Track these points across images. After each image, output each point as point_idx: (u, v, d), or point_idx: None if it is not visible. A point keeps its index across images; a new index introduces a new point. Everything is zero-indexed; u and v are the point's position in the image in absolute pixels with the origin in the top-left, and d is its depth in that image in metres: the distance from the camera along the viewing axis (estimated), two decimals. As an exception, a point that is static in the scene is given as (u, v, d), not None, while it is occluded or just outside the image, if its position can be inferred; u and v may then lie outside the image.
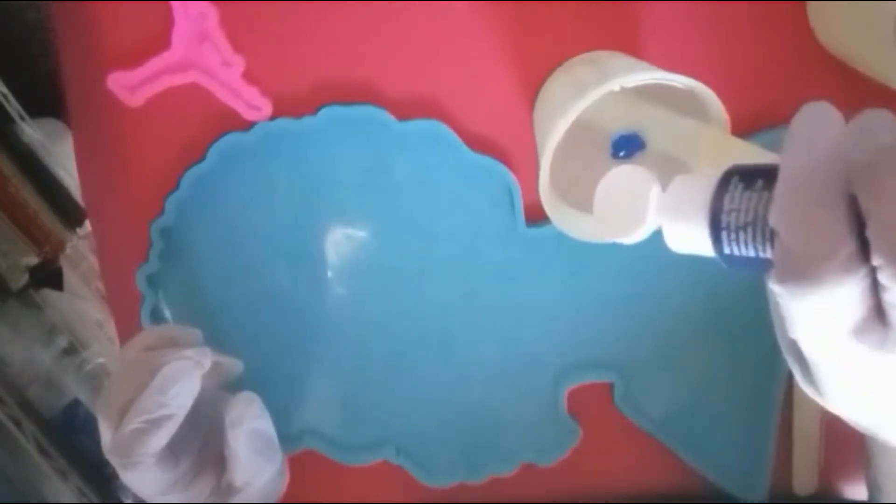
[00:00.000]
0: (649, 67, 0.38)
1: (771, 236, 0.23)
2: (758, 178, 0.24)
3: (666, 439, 0.49)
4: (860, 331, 0.21)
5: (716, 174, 0.26)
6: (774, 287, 0.22)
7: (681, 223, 0.27)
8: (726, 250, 0.25)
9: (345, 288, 0.48)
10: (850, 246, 0.20)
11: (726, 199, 0.25)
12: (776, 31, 0.44)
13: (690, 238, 0.27)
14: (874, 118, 0.21)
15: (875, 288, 0.20)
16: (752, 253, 0.24)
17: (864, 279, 0.20)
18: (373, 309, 0.49)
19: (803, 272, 0.20)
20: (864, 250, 0.20)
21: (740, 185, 0.25)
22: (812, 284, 0.20)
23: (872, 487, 0.42)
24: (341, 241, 0.48)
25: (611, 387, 0.49)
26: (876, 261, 0.20)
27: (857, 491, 0.50)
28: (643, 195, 0.29)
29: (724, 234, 0.25)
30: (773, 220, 0.22)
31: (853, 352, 0.21)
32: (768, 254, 0.23)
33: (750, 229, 0.24)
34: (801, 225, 0.21)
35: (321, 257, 0.48)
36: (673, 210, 0.28)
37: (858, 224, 0.20)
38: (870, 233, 0.20)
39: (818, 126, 0.22)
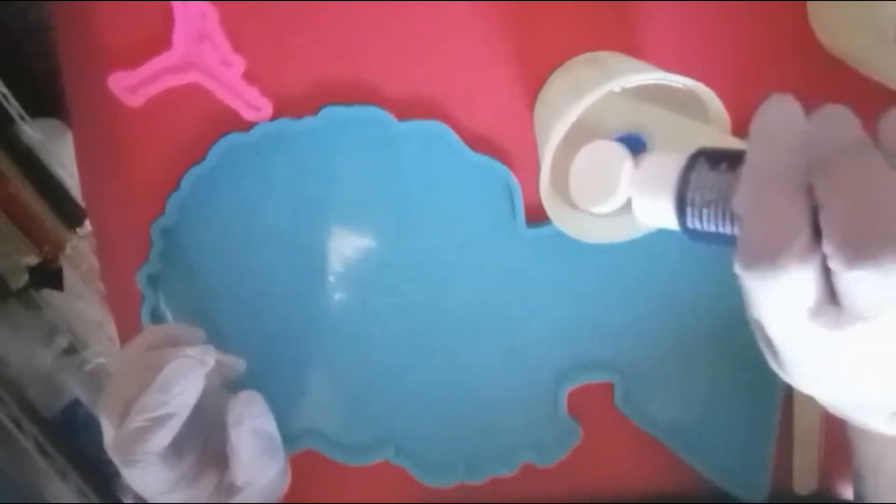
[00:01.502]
0: (649, 67, 0.38)
1: (731, 215, 0.25)
2: (722, 160, 0.26)
3: (666, 439, 0.49)
4: (816, 312, 0.22)
5: (685, 153, 0.28)
6: (739, 272, 0.23)
7: (649, 197, 0.29)
8: (689, 224, 0.27)
9: (345, 287, 0.48)
10: (807, 234, 0.21)
11: (693, 176, 0.27)
12: (776, 31, 0.44)
13: (657, 211, 0.29)
14: (835, 115, 0.22)
15: (829, 272, 0.22)
16: (713, 228, 0.26)
17: (819, 264, 0.22)
18: (373, 308, 0.49)
19: (765, 258, 0.22)
20: (818, 237, 0.22)
21: (706, 165, 0.26)
22: (774, 269, 0.22)
23: (855, 478, 0.42)
24: (341, 241, 0.48)
25: (611, 387, 0.49)
26: (826, 248, 0.21)
27: (857, 491, 0.50)
28: (617, 168, 0.31)
29: (688, 210, 0.27)
30: (738, 206, 0.23)
31: (811, 332, 0.23)
32: (727, 230, 0.25)
33: (713, 206, 0.26)
34: (763, 213, 0.22)
35: (321, 257, 0.48)
36: (643, 184, 0.30)
37: (814, 213, 0.22)
38: (822, 222, 0.21)
39: (782, 119, 0.23)
